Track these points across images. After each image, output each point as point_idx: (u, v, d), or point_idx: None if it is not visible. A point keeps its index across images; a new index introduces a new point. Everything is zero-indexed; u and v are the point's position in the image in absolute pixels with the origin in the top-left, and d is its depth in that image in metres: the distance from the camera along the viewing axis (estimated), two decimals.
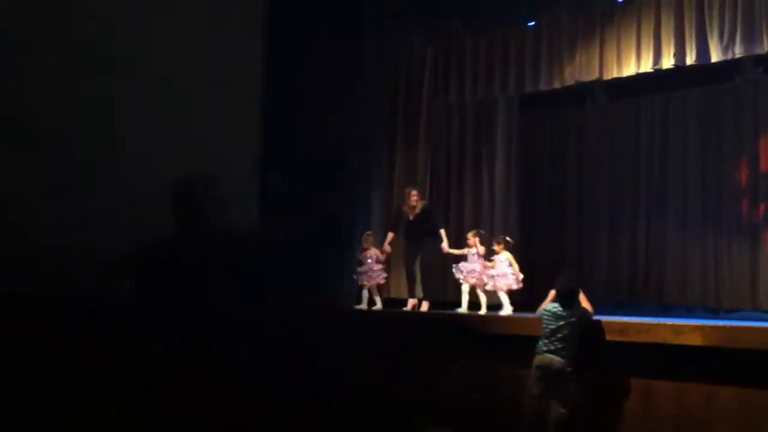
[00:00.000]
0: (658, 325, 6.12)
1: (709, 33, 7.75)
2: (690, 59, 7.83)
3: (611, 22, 8.43)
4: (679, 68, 8.04)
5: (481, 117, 9.79)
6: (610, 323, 6.43)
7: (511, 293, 7.74)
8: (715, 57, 7.71)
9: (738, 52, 7.57)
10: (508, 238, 8.07)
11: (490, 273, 7.81)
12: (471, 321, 7.37)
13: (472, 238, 7.94)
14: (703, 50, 7.75)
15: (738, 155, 8.39)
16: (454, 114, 9.98)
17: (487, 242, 7.95)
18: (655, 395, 6.02)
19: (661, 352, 5.95)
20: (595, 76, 8.51)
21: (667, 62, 7.94)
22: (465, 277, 7.88)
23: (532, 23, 9.11)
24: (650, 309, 8.24)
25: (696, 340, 5.78)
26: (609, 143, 9.33)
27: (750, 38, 7.48)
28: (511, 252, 7.89)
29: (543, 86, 8.92)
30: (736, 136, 8.43)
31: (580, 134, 9.57)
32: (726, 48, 7.62)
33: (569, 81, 8.71)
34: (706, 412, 5.76)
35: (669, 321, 6.35)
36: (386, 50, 10.39)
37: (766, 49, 7.45)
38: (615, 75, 8.36)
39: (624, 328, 6.22)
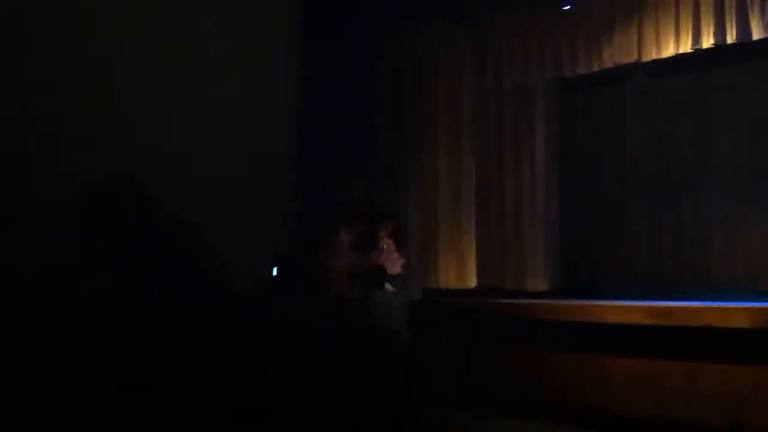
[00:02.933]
0: (704, 308, 6.10)
1: (749, 9, 7.63)
2: (730, 38, 7.71)
3: (649, 2, 8.33)
4: (720, 47, 7.93)
5: (520, 102, 9.73)
6: (655, 308, 6.43)
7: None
8: (757, 34, 7.58)
9: None
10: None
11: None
12: (518, 308, 7.42)
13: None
14: (743, 28, 7.63)
15: None
16: (492, 100, 9.94)
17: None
18: (700, 378, 6.03)
19: (708, 335, 5.95)
20: (633, 58, 8.42)
21: (707, 42, 7.83)
22: None
23: (567, 6, 9.04)
24: (696, 293, 8.15)
25: (743, 323, 5.78)
26: (650, 124, 9.24)
27: None
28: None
29: (581, 70, 8.87)
30: None
31: (620, 116, 9.49)
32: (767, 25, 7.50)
33: (608, 64, 8.64)
34: (755, 394, 5.76)
35: (715, 304, 6.33)
36: (423, 41, 10.34)
37: None
38: (654, 57, 8.27)
39: (670, 312, 6.22)
